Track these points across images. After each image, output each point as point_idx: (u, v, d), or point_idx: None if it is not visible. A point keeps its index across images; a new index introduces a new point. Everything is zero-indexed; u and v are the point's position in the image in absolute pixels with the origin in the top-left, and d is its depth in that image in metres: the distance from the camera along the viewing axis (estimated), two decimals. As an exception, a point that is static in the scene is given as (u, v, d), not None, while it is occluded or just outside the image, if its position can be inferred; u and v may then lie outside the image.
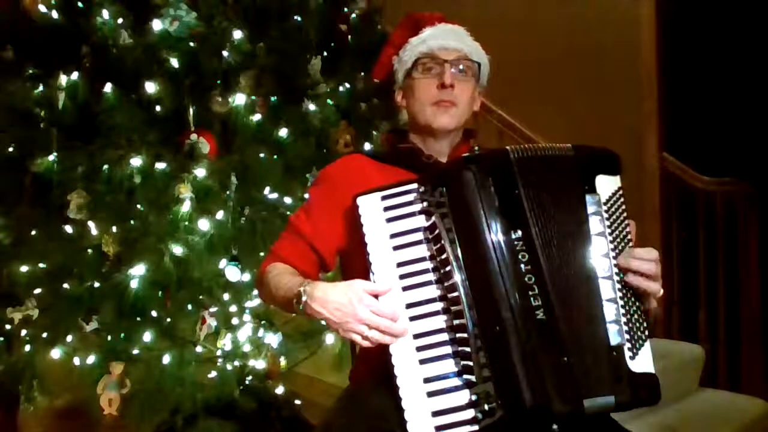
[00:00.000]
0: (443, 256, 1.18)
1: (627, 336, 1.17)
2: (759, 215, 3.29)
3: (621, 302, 1.19)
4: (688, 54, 3.55)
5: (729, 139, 3.43)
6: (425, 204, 1.21)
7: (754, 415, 2.79)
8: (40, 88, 2.34)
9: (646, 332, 1.20)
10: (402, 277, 1.19)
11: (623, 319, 1.18)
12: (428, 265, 1.19)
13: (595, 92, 3.52)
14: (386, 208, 1.23)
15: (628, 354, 1.17)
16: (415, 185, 1.22)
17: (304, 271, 1.36)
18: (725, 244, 3.30)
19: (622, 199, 1.24)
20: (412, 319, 1.18)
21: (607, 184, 1.23)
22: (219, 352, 2.35)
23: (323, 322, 1.22)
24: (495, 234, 1.17)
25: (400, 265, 1.20)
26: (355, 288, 1.18)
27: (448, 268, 1.17)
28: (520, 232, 1.17)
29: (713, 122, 3.51)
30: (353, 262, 1.36)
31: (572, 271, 1.19)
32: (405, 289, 1.19)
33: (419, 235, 1.21)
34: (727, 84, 3.51)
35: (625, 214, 1.23)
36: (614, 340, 1.17)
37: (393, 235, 1.21)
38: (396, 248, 1.21)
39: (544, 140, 2.99)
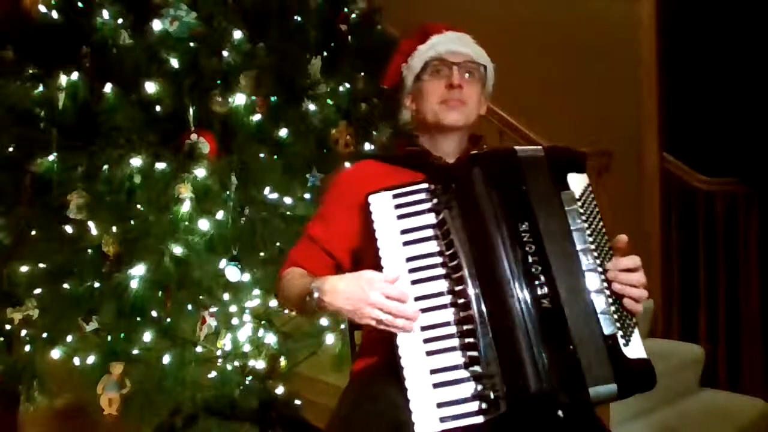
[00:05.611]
0: (452, 251, 1.21)
1: (618, 324, 1.20)
2: (759, 215, 3.29)
3: (608, 292, 1.22)
4: (688, 54, 3.55)
5: (729, 139, 3.43)
6: (435, 201, 1.25)
7: (754, 415, 2.79)
8: (40, 88, 2.34)
9: (633, 319, 1.24)
10: (411, 271, 1.22)
11: (612, 308, 1.21)
12: (437, 260, 1.22)
13: (595, 92, 3.52)
14: (397, 206, 1.27)
15: (621, 341, 1.19)
16: (425, 184, 1.27)
17: (318, 274, 1.37)
18: (725, 244, 3.30)
19: (593, 195, 1.28)
20: (421, 311, 1.20)
21: (578, 182, 1.28)
22: (219, 352, 2.35)
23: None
24: (503, 229, 1.21)
25: (409, 259, 1.23)
26: (363, 276, 1.22)
27: (456, 263, 1.20)
28: (526, 225, 1.21)
29: (713, 122, 3.51)
30: (364, 260, 1.39)
31: (571, 262, 1.22)
32: (414, 282, 1.22)
33: (429, 232, 1.24)
34: (726, 84, 3.51)
35: (597, 209, 1.28)
36: (607, 329, 1.19)
37: (403, 232, 1.25)
38: (406, 244, 1.24)
39: (544, 140, 2.99)
